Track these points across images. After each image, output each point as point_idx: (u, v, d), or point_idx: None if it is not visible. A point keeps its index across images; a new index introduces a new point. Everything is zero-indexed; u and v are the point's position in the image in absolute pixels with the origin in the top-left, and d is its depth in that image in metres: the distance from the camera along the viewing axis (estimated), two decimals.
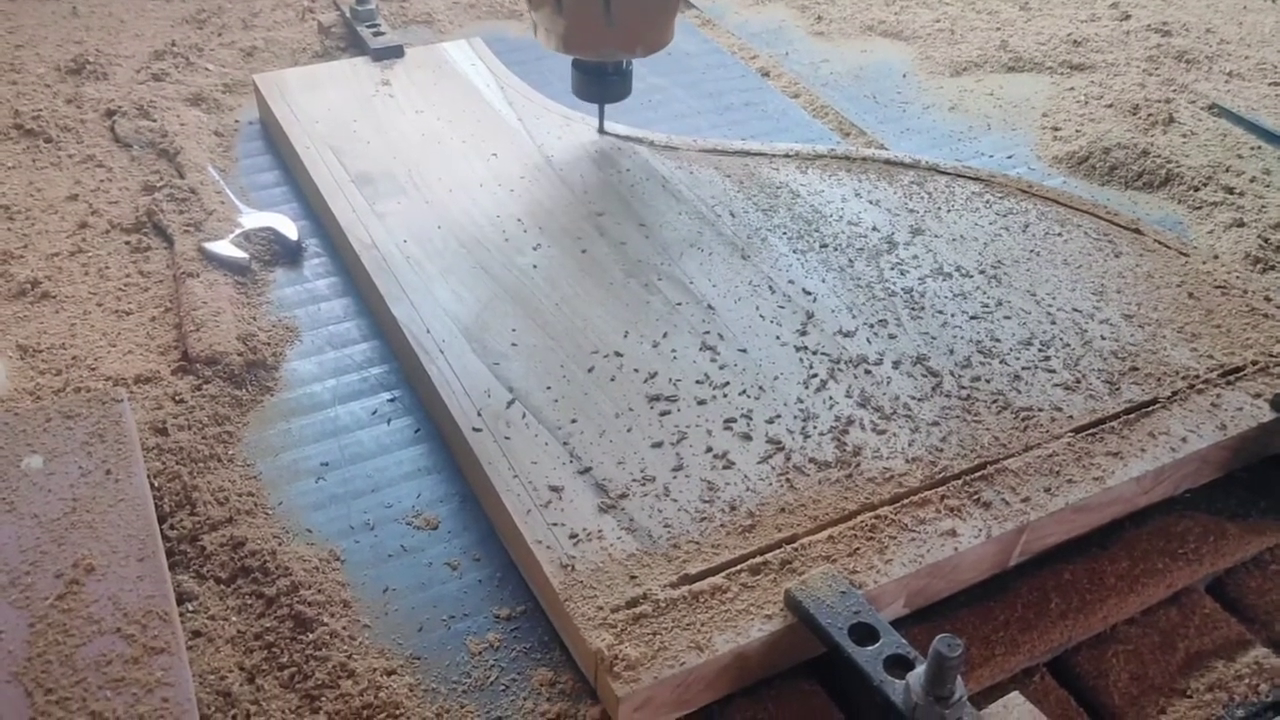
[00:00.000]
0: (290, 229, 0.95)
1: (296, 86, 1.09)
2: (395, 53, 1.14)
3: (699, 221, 0.92)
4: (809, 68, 1.25)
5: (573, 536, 0.64)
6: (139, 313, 0.87)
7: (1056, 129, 1.13)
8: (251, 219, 0.95)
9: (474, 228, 0.91)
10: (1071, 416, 0.73)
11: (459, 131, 1.03)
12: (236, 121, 1.12)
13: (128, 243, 0.94)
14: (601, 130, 1.04)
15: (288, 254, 0.94)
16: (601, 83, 0.99)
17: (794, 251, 0.89)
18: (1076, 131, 1.12)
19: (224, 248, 0.91)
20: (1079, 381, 0.76)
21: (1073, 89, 1.20)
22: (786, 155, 1.01)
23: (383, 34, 1.16)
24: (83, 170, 1.03)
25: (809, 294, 0.84)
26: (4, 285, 0.89)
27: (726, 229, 0.91)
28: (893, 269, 0.87)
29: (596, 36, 0.94)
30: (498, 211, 0.93)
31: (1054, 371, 0.77)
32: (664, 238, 0.90)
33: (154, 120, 1.08)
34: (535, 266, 0.86)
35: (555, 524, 0.65)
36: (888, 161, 1.01)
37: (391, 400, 0.81)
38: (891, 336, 0.80)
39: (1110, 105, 1.16)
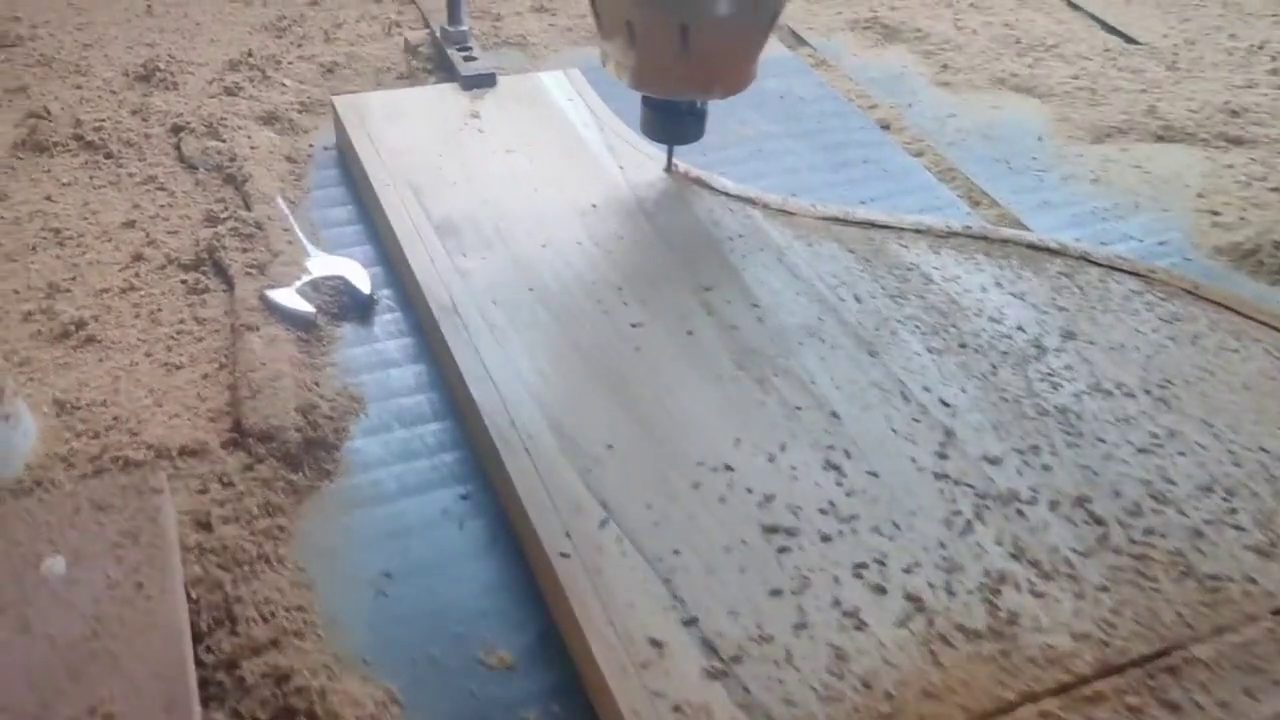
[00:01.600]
0: (362, 279, 0.85)
1: (378, 113, 1.00)
2: (487, 81, 1.04)
3: (819, 305, 0.81)
4: (934, 122, 1.14)
5: (676, 709, 0.54)
6: (190, 367, 0.78)
7: (1215, 213, 1.01)
8: (321, 264, 0.86)
9: (567, 295, 0.81)
10: (1271, 593, 0.62)
11: (553, 177, 0.93)
12: (311, 146, 1.03)
13: (184, 282, 0.85)
14: (669, 170, 0.95)
15: (358, 308, 0.85)
16: (673, 123, 0.90)
17: (928, 350, 0.78)
18: (1240, 219, 1.00)
19: (289, 297, 0.82)
20: (1275, 545, 0.64)
21: (1231, 166, 1.07)
22: (917, 230, 0.90)
23: (474, 59, 1.07)
24: (143, 193, 0.94)
25: (947, 406, 0.73)
26: (47, 325, 0.80)
27: (850, 316, 0.80)
28: (1043, 380, 0.76)
29: (671, 74, 0.84)
30: (594, 276, 0.82)
31: (1243, 530, 0.65)
32: (780, 322, 0.79)
33: (223, 140, 0.99)
34: (637, 349, 0.76)
35: (656, 692, 0.55)
36: (1032, 246, 0.89)
37: (464, 497, 0.71)
38: (1045, 468, 0.69)
39: (1277, 190, 1.03)
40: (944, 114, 1.15)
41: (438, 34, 1.11)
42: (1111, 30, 1.31)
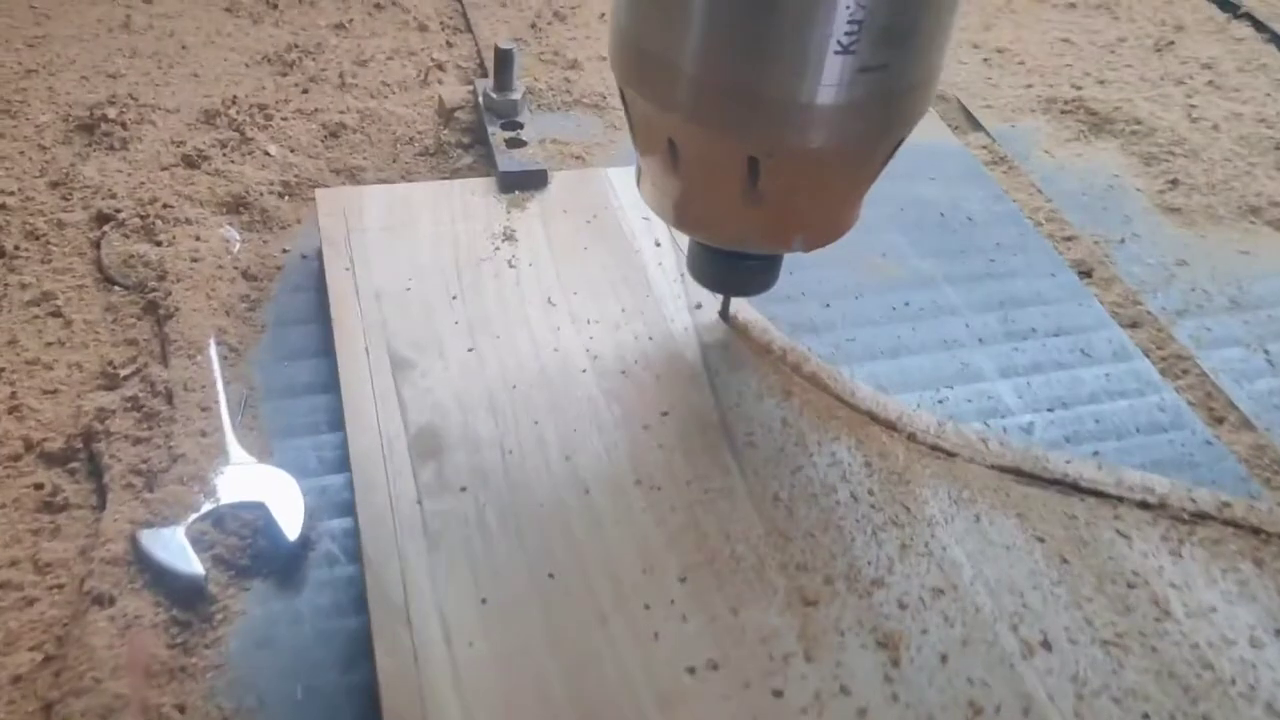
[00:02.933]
0: (291, 511, 0.57)
1: (374, 221, 0.71)
2: (534, 181, 0.75)
3: (987, 656, 0.50)
4: (1155, 272, 0.80)
5: None
6: (3, 655, 0.51)
7: None
8: (236, 481, 0.58)
9: (590, 615, 0.51)
10: None
11: (609, 362, 0.63)
12: (285, 252, 0.74)
13: (39, 488, 0.58)
14: (724, 316, 0.66)
15: (278, 559, 0.56)
16: (733, 270, 0.60)
17: None
18: None
19: (171, 544, 0.54)
20: None
21: None
22: (1144, 506, 0.58)
23: (522, 144, 0.77)
24: (29, 320, 0.67)
25: None
26: None
27: (1033, 681, 0.49)
28: None
29: (729, 216, 0.54)
30: (645, 562, 0.53)
31: None
32: (920, 696, 0.49)
33: (158, 242, 0.71)
34: None
35: None
36: None
37: None
38: None
39: None
40: (1170, 259, 0.82)
41: (480, 100, 0.81)
42: None
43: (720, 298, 0.67)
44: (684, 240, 0.70)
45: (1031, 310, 0.76)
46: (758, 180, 0.52)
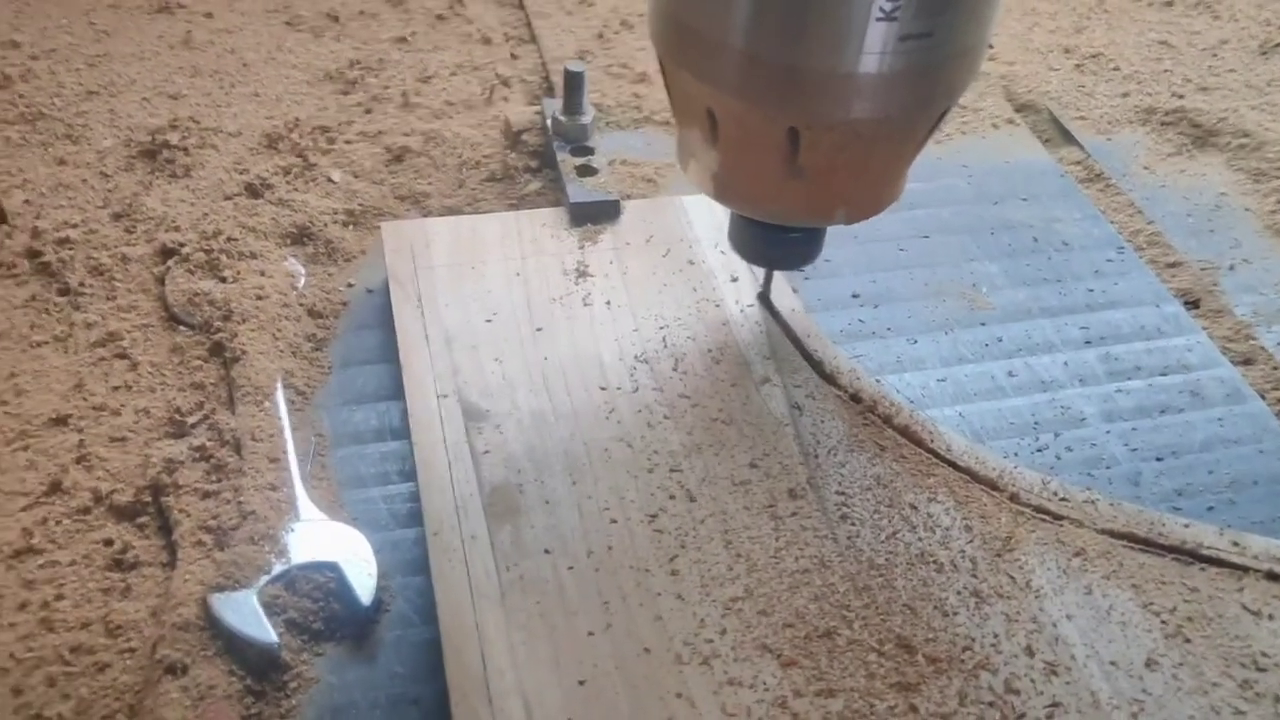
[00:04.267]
0: (364, 574, 0.55)
1: (443, 258, 0.68)
2: (606, 212, 0.71)
3: None
4: (1273, 303, 0.76)
5: None
6: None
7: None
8: (308, 540, 0.56)
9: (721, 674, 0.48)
10: None
11: (690, 412, 0.60)
12: (349, 286, 0.72)
13: (108, 544, 0.56)
14: (766, 297, 0.66)
15: (351, 623, 0.54)
16: (774, 243, 0.59)
17: None
18: None
19: (244, 610, 0.52)
20: None
21: None
22: (1271, 576, 0.54)
23: (593, 171, 0.74)
24: (95, 362, 0.65)
25: None
26: None
27: None
28: None
29: (770, 190, 0.53)
30: (760, 657, 0.50)
31: None
32: None
33: (223, 278, 0.69)
34: None
35: None
36: None
37: None
38: None
39: None
40: None
41: (548, 124, 0.78)
42: None
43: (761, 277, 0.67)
44: (761, 273, 0.67)
45: (1135, 346, 0.71)
46: (799, 152, 0.51)
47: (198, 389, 0.64)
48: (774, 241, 0.59)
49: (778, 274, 0.67)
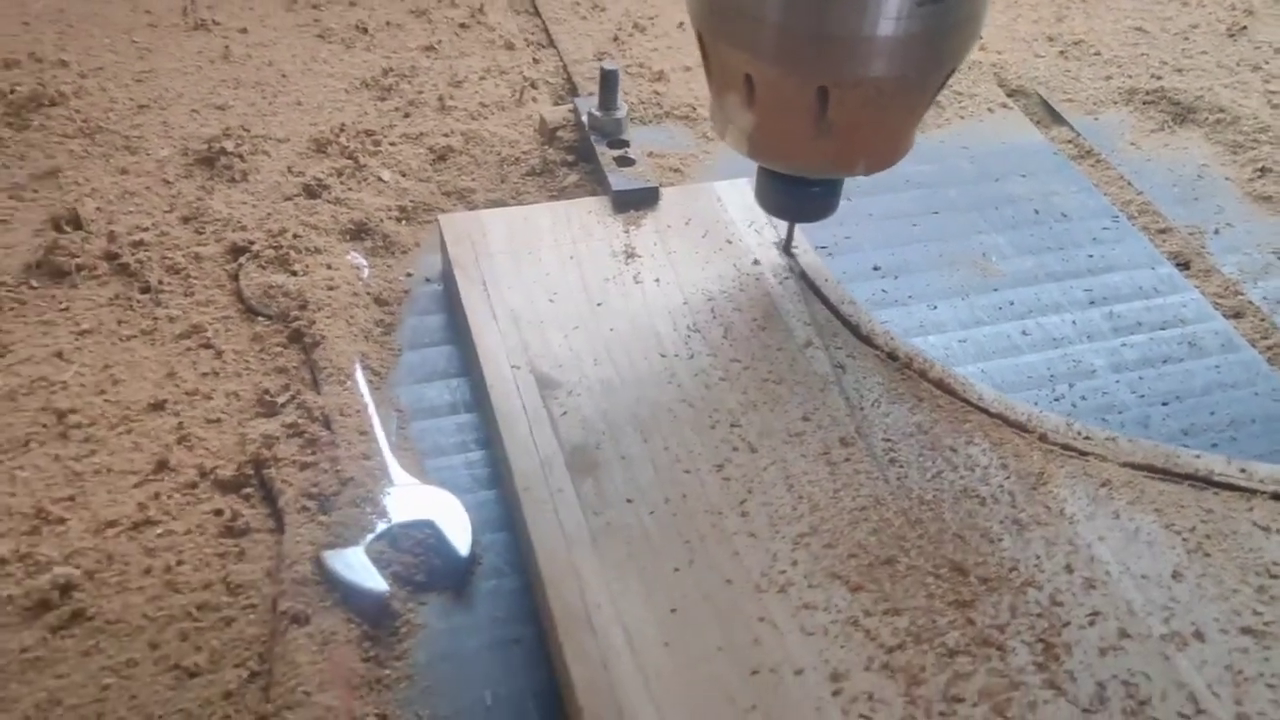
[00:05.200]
0: (460, 529, 0.60)
1: (499, 245, 0.73)
2: (647, 199, 0.77)
3: (1147, 650, 0.53)
4: (1253, 262, 0.82)
5: None
6: (210, 673, 0.54)
7: None
8: (405, 501, 0.61)
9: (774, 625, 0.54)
10: None
11: (743, 374, 0.65)
12: (408, 276, 0.77)
13: (218, 513, 0.61)
14: (788, 251, 0.74)
15: (450, 575, 0.59)
16: (799, 198, 0.67)
17: None
18: None
19: (356, 565, 0.57)
20: None
21: None
22: (1277, 497, 0.60)
23: (631, 162, 0.79)
24: (182, 352, 0.70)
25: None
26: (22, 585, 0.57)
27: (1193, 670, 0.52)
28: None
29: (801, 146, 0.62)
30: (829, 585, 0.55)
31: None
32: (1093, 676, 0.51)
33: (294, 272, 0.74)
34: None
35: None
36: None
37: None
38: None
39: None
40: (1267, 248, 0.84)
41: (584, 117, 0.83)
42: None
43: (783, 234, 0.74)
44: (814, 268, 0.73)
45: (1135, 305, 0.78)
46: (827, 110, 0.59)
47: (281, 373, 0.69)
48: (797, 195, 0.67)
49: (809, 245, 0.74)
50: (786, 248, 0.74)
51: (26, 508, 0.61)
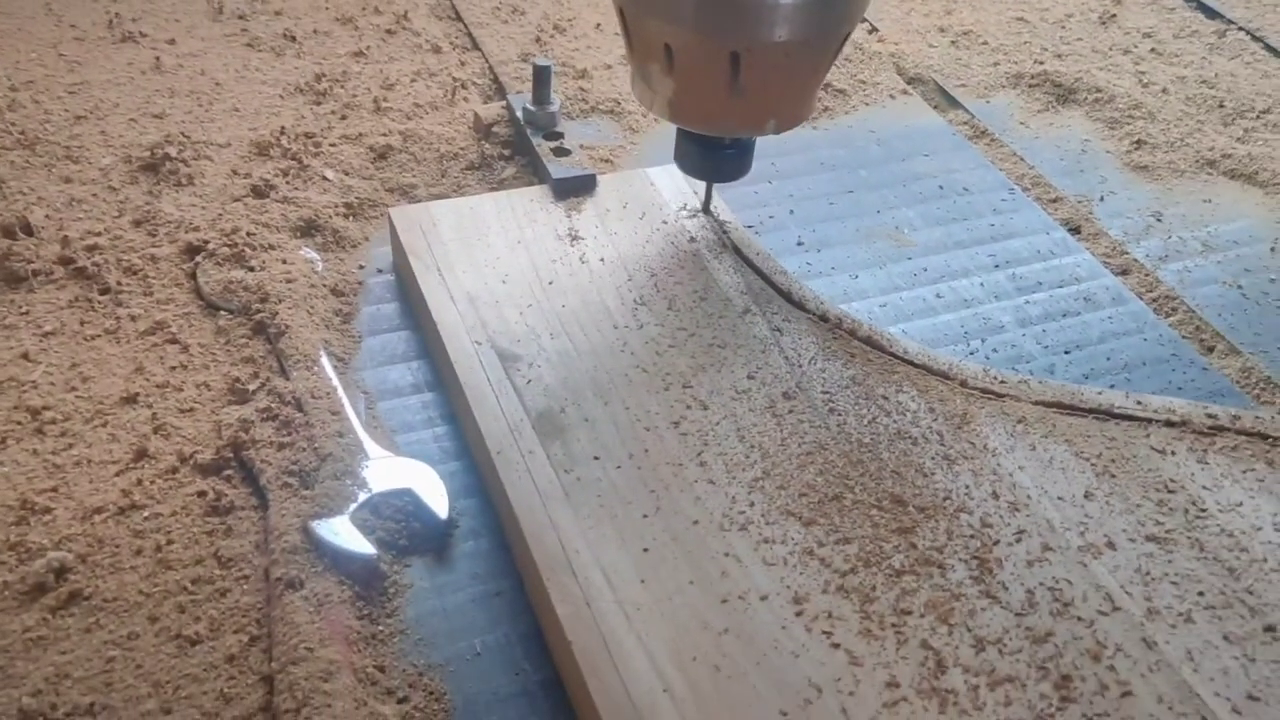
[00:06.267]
0: (437, 495, 0.64)
1: (449, 234, 0.77)
2: (585, 185, 0.82)
3: (1068, 559, 0.59)
4: (1135, 224, 0.91)
5: None
6: (211, 640, 0.57)
7: None
8: (383, 472, 0.65)
9: (733, 564, 0.59)
10: None
11: (690, 340, 0.70)
12: (360, 268, 0.81)
13: (201, 495, 0.64)
14: (707, 210, 0.80)
15: (431, 538, 0.63)
16: (714, 158, 0.75)
17: (1224, 638, 0.56)
18: None
19: (343, 532, 0.61)
20: None
21: None
22: (1168, 423, 0.68)
23: (567, 152, 0.84)
24: (148, 348, 0.73)
25: None
26: (16, 572, 0.59)
27: (1107, 574, 0.59)
28: None
29: (717, 107, 0.68)
30: (785, 522, 0.60)
31: None
32: (1022, 585, 0.58)
33: (251, 268, 0.77)
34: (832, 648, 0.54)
35: None
36: None
37: None
38: None
39: None
40: (1146, 211, 0.92)
41: (519, 113, 0.88)
42: None
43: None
44: (744, 241, 0.78)
45: (1035, 266, 0.85)
46: (739, 74, 0.65)
47: (249, 362, 0.72)
48: (714, 155, 0.74)
49: (739, 224, 0.79)
50: (705, 207, 0.80)
51: (11, 500, 0.63)
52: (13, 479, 0.64)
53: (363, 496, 0.63)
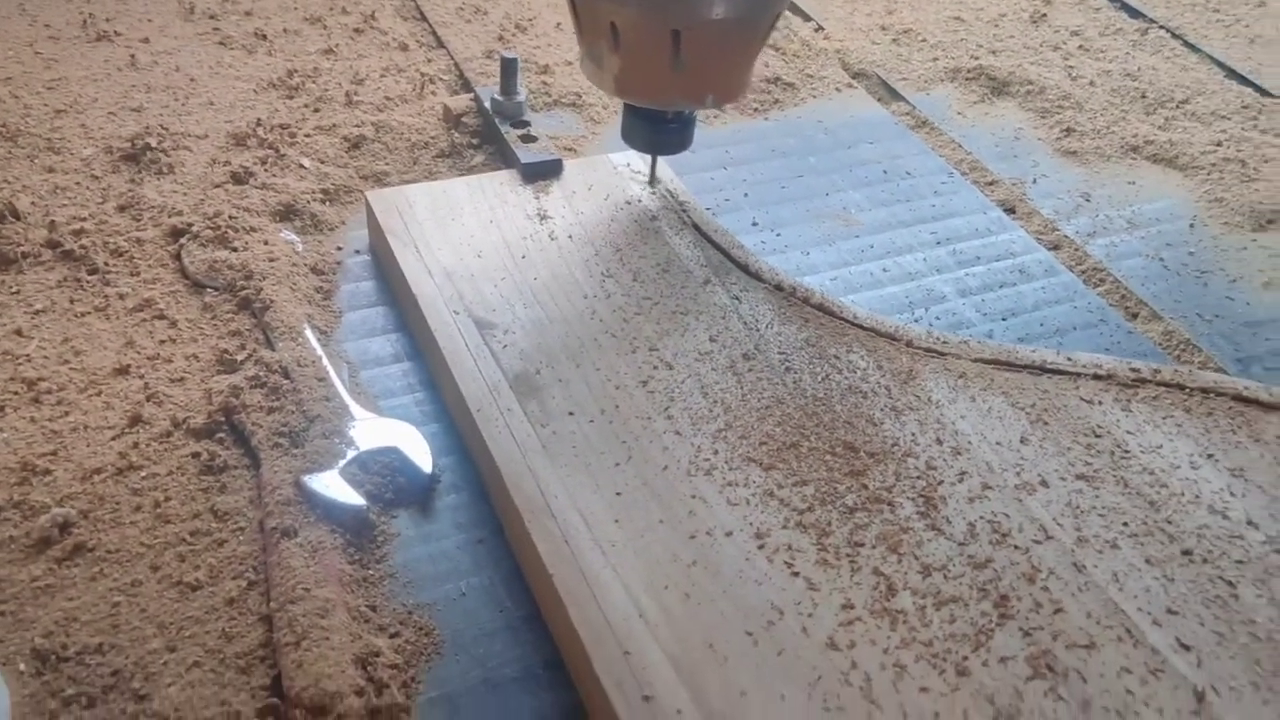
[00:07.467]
0: (421, 451, 0.68)
1: (425, 215, 0.82)
2: (552, 169, 0.86)
3: (1005, 496, 0.65)
4: (1065, 204, 0.97)
5: None
6: (211, 586, 0.61)
7: None
8: (369, 431, 0.69)
9: (705, 508, 0.64)
10: None
11: (655, 308, 0.75)
12: (339, 249, 0.85)
13: (196, 456, 0.68)
14: (652, 183, 0.86)
15: (416, 491, 0.67)
16: (658, 132, 0.80)
17: (1145, 562, 0.62)
18: None
19: (333, 485, 0.65)
20: None
21: None
22: (1096, 377, 0.74)
23: (534, 139, 0.89)
24: (138, 323, 0.76)
25: (1188, 650, 0.57)
26: (21, 528, 0.63)
27: (1039, 509, 0.64)
28: None
29: (660, 82, 0.74)
30: (747, 468, 0.65)
31: None
32: (964, 519, 0.63)
33: (234, 248, 0.81)
34: (807, 592, 0.59)
35: None
36: (1240, 398, 0.73)
37: None
38: None
39: None
40: (1075, 192, 0.98)
41: (486, 103, 0.92)
42: (1242, 80, 1.14)
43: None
44: (704, 221, 0.83)
45: (973, 243, 0.91)
46: (680, 50, 0.71)
47: (236, 335, 0.75)
48: (657, 129, 0.79)
49: (698, 204, 0.84)
50: (651, 180, 0.85)
51: (12, 464, 0.66)
52: (12, 444, 0.67)
53: (351, 454, 0.67)
